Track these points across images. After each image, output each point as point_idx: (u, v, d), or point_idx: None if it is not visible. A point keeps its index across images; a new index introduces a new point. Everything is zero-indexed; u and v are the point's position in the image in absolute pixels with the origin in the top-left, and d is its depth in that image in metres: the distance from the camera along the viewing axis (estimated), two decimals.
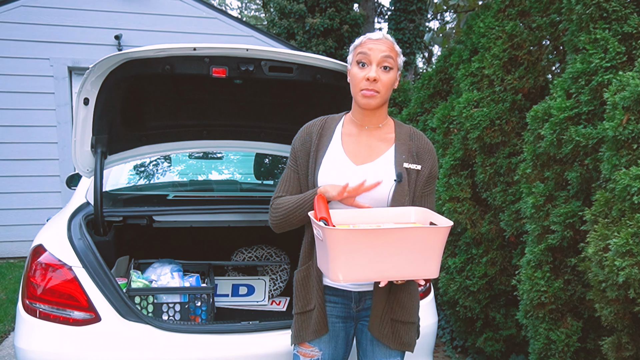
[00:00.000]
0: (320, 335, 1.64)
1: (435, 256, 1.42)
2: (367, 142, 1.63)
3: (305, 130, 1.69)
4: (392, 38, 1.60)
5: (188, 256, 2.76)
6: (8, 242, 5.77)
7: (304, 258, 1.67)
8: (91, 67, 1.98)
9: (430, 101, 3.90)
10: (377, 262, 1.38)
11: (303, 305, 1.66)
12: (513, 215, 2.69)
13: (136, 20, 5.97)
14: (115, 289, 2.02)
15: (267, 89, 2.50)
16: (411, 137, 1.65)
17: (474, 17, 3.38)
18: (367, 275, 1.41)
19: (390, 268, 1.40)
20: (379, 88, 1.53)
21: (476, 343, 3.11)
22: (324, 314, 1.63)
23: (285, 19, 9.38)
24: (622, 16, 2.07)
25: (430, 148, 1.66)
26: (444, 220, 1.46)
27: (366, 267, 1.38)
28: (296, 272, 1.70)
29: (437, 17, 13.46)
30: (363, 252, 1.36)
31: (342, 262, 1.37)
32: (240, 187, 3.60)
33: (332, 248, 1.35)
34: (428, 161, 1.63)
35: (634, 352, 1.93)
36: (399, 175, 1.57)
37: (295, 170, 1.67)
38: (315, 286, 1.63)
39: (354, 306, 1.67)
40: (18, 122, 5.68)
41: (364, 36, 1.60)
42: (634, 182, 1.72)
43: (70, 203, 2.49)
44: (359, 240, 1.35)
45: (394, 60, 1.55)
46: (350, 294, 1.65)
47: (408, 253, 1.38)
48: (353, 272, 1.38)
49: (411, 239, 1.38)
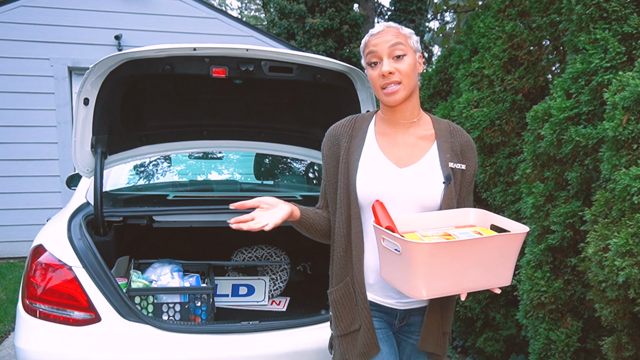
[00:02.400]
0: (371, 356, 1.48)
1: (511, 263, 1.35)
2: (404, 141, 1.49)
3: (332, 133, 1.56)
4: (396, 24, 1.47)
5: (188, 256, 2.76)
6: (8, 242, 5.76)
7: (339, 275, 1.52)
8: (91, 67, 1.99)
9: (430, 101, 3.90)
10: (459, 274, 1.30)
11: (346, 327, 1.51)
12: (513, 215, 2.68)
13: (136, 20, 5.97)
14: (115, 289, 2.02)
15: (267, 89, 2.50)
16: (452, 133, 1.52)
17: (474, 17, 3.38)
18: (449, 288, 1.32)
19: (470, 279, 1.32)
20: (399, 78, 1.41)
21: (476, 343, 3.11)
22: (373, 333, 1.48)
23: (285, 19, 9.39)
24: (622, 16, 2.07)
25: (472, 145, 1.54)
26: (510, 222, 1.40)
27: (448, 280, 1.30)
28: (330, 291, 1.56)
29: (437, 17, 13.46)
30: (446, 264, 1.27)
31: (426, 277, 1.27)
32: (240, 187, 3.59)
33: (415, 263, 1.25)
34: (472, 159, 1.52)
35: (634, 352, 1.93)
36: (448, 177, 1.44)
37: (325, 179, 1.57)
38: (361, 304, 1.48)
39: (397, 323, 1.55)
40: (18, 122, 5.68)
41: (367, 35, 1.48)
42: (634, 182, 1.72)
43: (70, 203, 2.49)
44: (444, 252, 1.26)
45: (404, 45, 1.42)
46: (395, 312, 1.53)
47: (488, 262, 1.31)
48: (436, 286, 1.29)
49: (493, 247, 1.31)
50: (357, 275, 1.48)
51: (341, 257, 1.52)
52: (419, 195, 1.44)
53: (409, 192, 1.44)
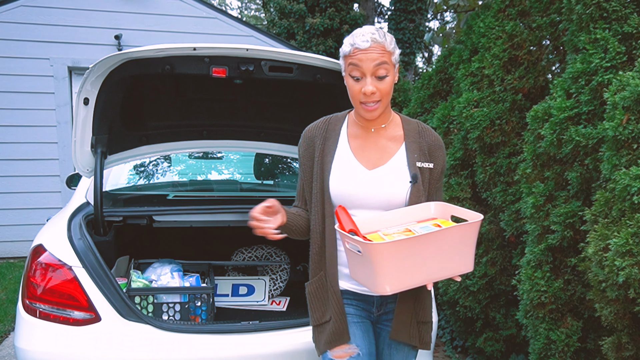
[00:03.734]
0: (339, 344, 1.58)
1: (471, 250, 1.43)
2: (375, 143, 1.57)
3: (307, 134, 1.63)
4: (381, 37, 1.45)
5: (188, 256, 2.76)
6: (8, 242, 5.77)
7: (315, 269, 1.61)
8: (91, 67, 1.99)
9: (430, 101, 3.90)
10: (421, 266, 1.36)
11: (319, 317, 1.61)
12: (513, 215, 2.68)
13: (136, 20, 5.97)
14: (115, 289, 2.02)
15: (267, 89, 2.50)
16: (420, 133, 1.60)
17: (474, 17, 3.38)
18: (413, 281, 1.39)
19: (433, 270, 1.39)
20: (378, 97, 1.47)
21: (476, 343, 3.11)
22: (343, 323, 1.57)
23: (285, 19, 9.38)
24: (622, 16, 2.07)
25: (440, 144, 1.61)
26: (467, 212, 1.46)
27: (411, 274, 1.36)
28: (307, 284, 1.64)
29: (437, 17, 13.46)
30: (407, 260, 1.34)
31: (388, 274, 1.34)
32: (240, 187, 3.59)
33: (376, 262, 1.32)
34: (440, 158, 1.59)
35: (634, 352, 1.93)
36: (414, 176, 1.52)
37: (301, 178, 1.63)
38: (332, 297, 1.57)
39: (374, 310, 1.63)
40: (18, 122, 5.69)
41: (351, 42, 1.46)
42: (634, 182, 1.72)
43: (70, 203, 2.49)
44: (403, 249, 1.33)
45: (388, 64, 1.45)
46: (372, 299, 1.61)
47: (448, 252, 1.38)
48: (399, 281, 1.36)
49: (452, 237, 1.38)
50: (329, 270, 1.57)
51: (316, 252, 1.60)
52: (387, 195, 1.52)
53: (377, 192, 1.52)
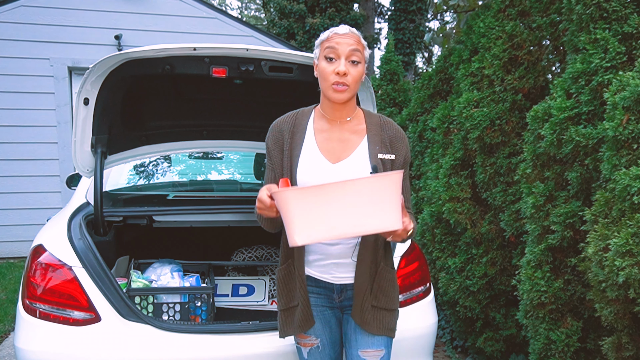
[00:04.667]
0: (306, 329, 1.68)
1: (391, 207, 1.38)
2: (339, 136, 1.64)
3: (275, 127, 1.69)
4: (357, 31, 1.60)
5: (188, 256, 2.76)
6: (8, 242, 5.77)
7: (284, 256, 1.70)
8: (91, 67, 1.99)
9: (430, 101, 3.90)
10: (334, 218, 1.36)
11: (286, 302, 1.70)
12: (513, 215, 2.69)
13: (136, 20, 5.97)
14: (115, 289, 2.02)
15: (267, 89, 2.50)
16: (382, 126, 1.67)
17: (474, 17, 3.38)
18: (325, 234, 1.38)
19: (346, 225, 1.38)
20: (348, 81, 1.54)
21: (476, 343, 3.11)
22: (308, 309, 1.66)
23: (285, 19, 9.39)
24: (622, 16, 2.07)
25: (401, 135, 1.68)
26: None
27: (323, 225, 1.36)
28: (277, 270, 1.73)
29: (437, 17, 13.46)
30: (317, 210, 1.34)
31: (298, 224, 1.34)
32: (240, 187, 3.60)
33: (286, 211, 1.34)
34: (402, 149, 1.66)
35: (634, 352, 1.93)
36: (374, 167, 1.58)
37: (272, 169, 1.68)
38: (298, 284, 1.66)
39: (336, 297, 1.70)
40: (18, 122, 5.69)
41: (329, 30, 1.59)
42: (634, 182, 1.72)
43: (70, 203, 2.49)
44: (312, 197, 1.33)
45: (361, 53, 1.56)
46: (332, 286, 1.68)
47: (361, 206, 1.36)
48: (310, 232, 1.36)
49: (360, 190, 1.36)
50: (297, 258, 1.65)
51: (285, 240, 1.67)
52: None
53: None
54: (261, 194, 1.47)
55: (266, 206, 1.45)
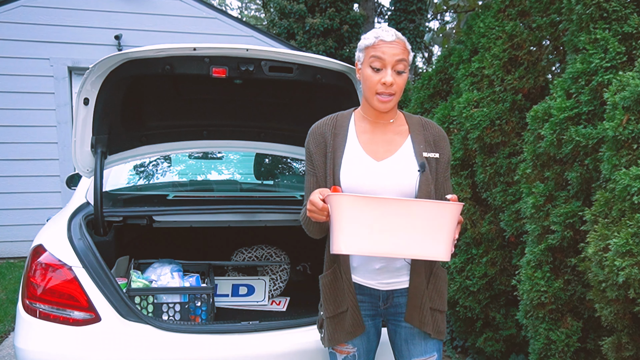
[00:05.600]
0: (356, 335, 1.65)
1: (443, 237, 1.36)
2: (382, 136, 1.62)
3: (316, 130, 1.66)
4: (403, 37, 1.56)
5: (188, 256, 2.76)
6: (8, 242, 5.77)
7: (329, 262, 1.66)
8: (91, 67, 1.99)
9: (430, 101, 3.90)
10: (382, 234, 1.33)
11: (335, 308, 1.64)
12: (513, 215, 2.68)
13: (136, 20, 5.97)
14: (115, 289, 2.02)
15: (267, 89, 2.50)
16: (424, 126, 1.66)
17: (474, 17, 3.38)
18: (374, 248, 1.35)
19: (392, 244, 1.35)
20: (394, 91, 1.53)
21: (476, 343, 3.11)
22: (359, 314, 1.63)
23: (285, 19, 9.39)
24: (622, 16, 2.07)
25: (444, 134, 1.68)
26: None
27: (370, 238, 1.33)
28: (321, 276, 1.68)
29: (437, 17, 13.46)
30: (367, 221, 1.31)
31: (345, 231, 1.32)
32: (240, 187, 3.59)
33: (335, 216, 1.31)
34: (445, 148, 1.66)
35: (634, 352, 1.93)
36: (422, 165, 1.57)
37: (314, 174, 1.64)
38: (347, 288, 1.62)
39: (381, 304, 1.67)
40: (18, 122, 5.69)
41: (375, 35, 1.53)
42: (634, 182, 1.72)
43: (70, 203, 2.49)
44: (365, 208, 1.31)
45: (407, 62, 1.55)
46: (378, 293, 1.65)
47: (414, 229, 1.34)
48: (357, 243, 1.34)
49: (417, 213, 1.33)
50: (343, 262, 1.61)
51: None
52: (397, 185, 1.56)
53: (387, 183, 1.56)
54: (314, 197, 1.44)
55: (318, 209, 1.42)
